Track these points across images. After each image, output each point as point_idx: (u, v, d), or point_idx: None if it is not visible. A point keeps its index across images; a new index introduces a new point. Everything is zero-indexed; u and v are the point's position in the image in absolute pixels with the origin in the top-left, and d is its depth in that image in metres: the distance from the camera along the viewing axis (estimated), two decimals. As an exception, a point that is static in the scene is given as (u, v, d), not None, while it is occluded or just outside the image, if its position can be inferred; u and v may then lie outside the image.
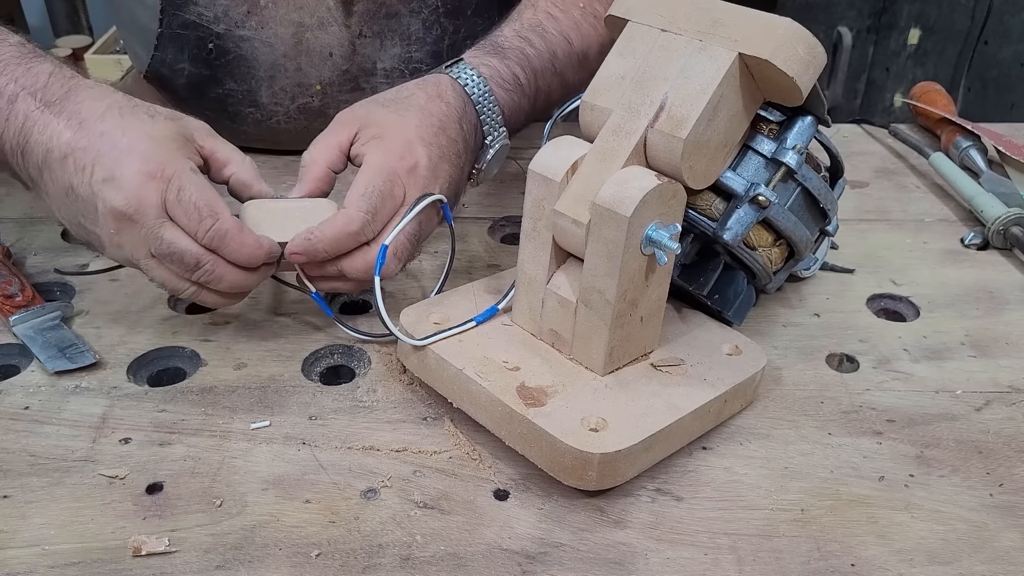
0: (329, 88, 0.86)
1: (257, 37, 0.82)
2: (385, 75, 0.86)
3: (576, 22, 0.77)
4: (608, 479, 0.52)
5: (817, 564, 0.49)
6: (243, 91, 0.86)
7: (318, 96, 0.86)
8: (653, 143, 0.54)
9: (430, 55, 0.87)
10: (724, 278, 0.62)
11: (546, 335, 0.59)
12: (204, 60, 0.84)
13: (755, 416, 0.60)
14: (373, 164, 0.62)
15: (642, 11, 0.57)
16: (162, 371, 0.64)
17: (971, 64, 2.02)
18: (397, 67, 0.86)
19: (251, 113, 0.87)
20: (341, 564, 0.48)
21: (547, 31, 0.76)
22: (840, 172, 0.66)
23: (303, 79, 0.85)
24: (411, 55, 0.86)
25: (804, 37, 0.52)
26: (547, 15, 0.77)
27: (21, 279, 0.68)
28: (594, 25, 0.78)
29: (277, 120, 0.87)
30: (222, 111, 0.88)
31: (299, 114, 0.87)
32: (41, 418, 0.58)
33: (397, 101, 0.67)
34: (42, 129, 0.58)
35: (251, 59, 0.84)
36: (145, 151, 0.57)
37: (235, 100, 0.86)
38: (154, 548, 0.49)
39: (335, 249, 0.60)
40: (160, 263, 0.59)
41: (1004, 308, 0.72)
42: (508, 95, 0.72)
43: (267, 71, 0.84)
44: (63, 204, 0.59)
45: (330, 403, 0.60)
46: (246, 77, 0.85)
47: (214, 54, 0.84)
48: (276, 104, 0.86)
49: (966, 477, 0.56)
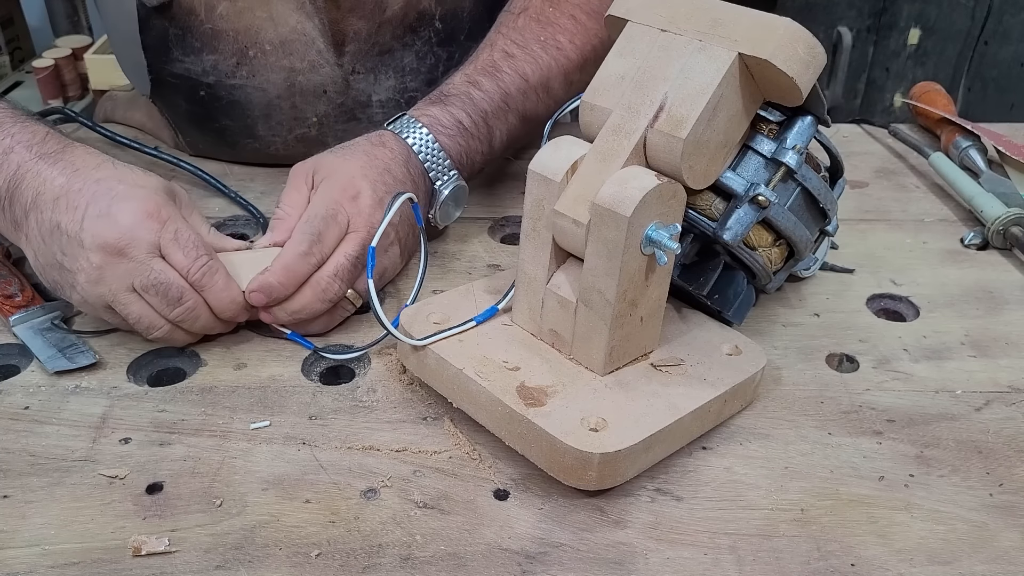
0: (326, 120, 0.86)
1: (249, 84, 0.83)
2: (381, 106, 0.87)
3: (535, 57, 0.78)
4: (608, 479, 0.52)
5: (817, 564, 0.49)
6: (240, 127, 0.86)
7: (315, 127, 0.86)
8: (653, 143, 0.54)
9: (425, 83, 0.87)
10: (724, 278, 0.62)
11: (546, 335, 0.59)
12: (198, 102, 0.85)
13: (755, 416, 0.60)
14: (316, 199, 0.66)
15: (642, 11, 0.57)
16: (162, 371, 0.64)
17: (971, 64, 2.02)
18: (393, 98, 0.87)
19: (249, 143, 0.88)
20: (341, 564, 0.48)
21: (500, 71, 0.76)
22: (840, 172, 0.66)
23: (299, 114, 0.86)
24: (406, 85, 0.86)
25: (804, 37, 0.52)
26: (503, 54, 0.77)
27: (21, 279, 0.68)
28: (555, 57, 0.78)
29: (276, 149, 0.88)
30: (220, 140, 0.88)
31: (297, 143, 0.87)
32: (41, 418, 0.58)
33: (344, 148, 0.71)
34: (35, 176, 0.61)
35: (244, 103, 0.84)
36: (143, 196, 0.61)
37: (232, 133, 0.87)
38: (154, 548, 0.49)
39: (289, 279, 0.63)
40: (140, 298, 0.60)
41: (1004, 308, 0.72)
42: (452, 140, 0.73)
43: (262, 110, 0.85)
44: (43, 245, 0.61)
45: (330, 403, 0.60)
46: (241, 116, 0.85)
47: (207, 99, 0.84)
48: (274, 136, 0.87)
49: (966, 477, 0.56)
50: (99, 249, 0.58)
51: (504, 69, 0.77)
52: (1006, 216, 0.79)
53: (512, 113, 0.77)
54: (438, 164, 0.72)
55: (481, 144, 0.76)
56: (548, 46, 0.78)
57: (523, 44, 0.78)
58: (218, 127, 0.87)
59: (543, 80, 0.78)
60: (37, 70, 2.06)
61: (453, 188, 0.73)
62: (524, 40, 0.78)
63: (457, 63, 0.85)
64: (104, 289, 0.60)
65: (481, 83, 0.76)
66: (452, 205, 0.75)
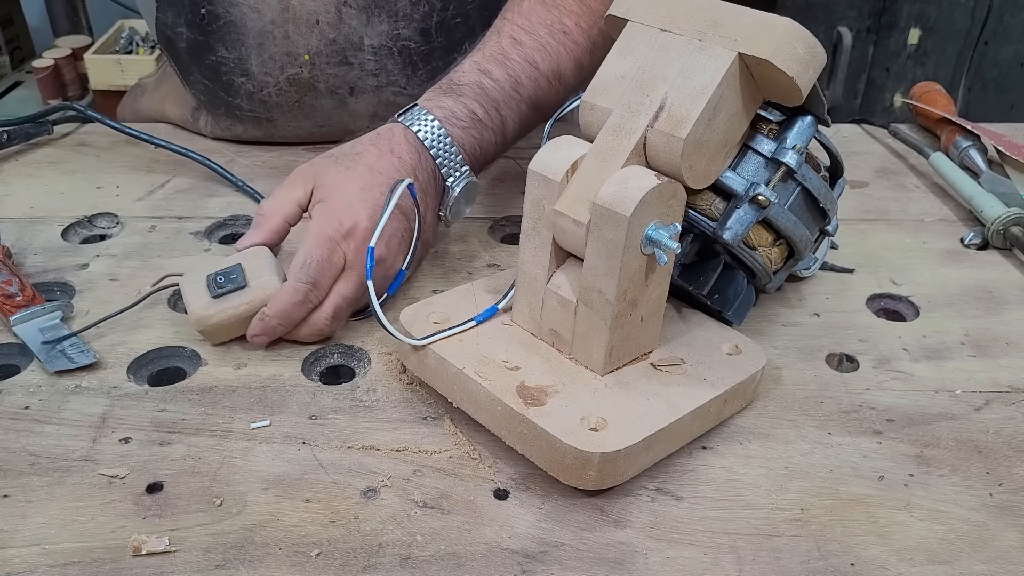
0: (317, 59, 0.86)
1: (245, 2, 0.84)
2: (373, 52, 0.86)
3: (543, 43, 0.77)
4: (608, 479, 0.52)
5: (817, 564, 0.49)
6: (234, 59, 0.87)
7: (307, 67, 0.86)
8: (653, 143, 0.54)
9: (418, 32, 0.86)
10: (724, 278, 0.62)
11: (546, 335, 0.59)
12: (198, 25, 0.86)
13: (755, 416, 0.60)
14: (313, 233, 0.65)
15: (642, 11, 0.57)
16: (162, 371, 0.64)
17: (971, 64, 2.02)
18: (385, 44, 0.86)
19: (243, 84, 0.88)
20: (341, 564, 0.48)
21: (509, 59, 0.76)
22: (840, 172, 0.66)
23: (291, 47, 0.86)
24: (399, 32, 0.86)
25: (804, 37, 0.52)
26: (511, 40, 0.77)
27: (21, 279, 0.68)
28: (563, 42, 0.78)
29: (268, 92, 0.88)
30: (217, 80, 0.89)
31: (289, 86, 0.87)
32: (41, 418, 0.58)
33: (349, 157, 0.69)
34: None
35: (240, 25, 0.85)
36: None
37: (228, 68, 0.87)
38: (154, 548, 0.49)
39: (288, 321, 0.63)
40: None
41: (1004, 308, 0.72)
42: (466, 133, 0.72)
43: (256, 38, 0.85)
44: None
45: (330, 403, 0.60)
46: (236, 44, 0.86)
47: (206, 19, 0.85)
48: (266, 74, 0.87)
49: (966, 477, 0.56)
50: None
51: (513, 57, 0.76)
52: (1006, 216, 0.79)
53: (524, 101, 0.76)
54: (450, 160, 0.72)
55: (495, 135, 0.75)
56: (555, 31, 0.78)
57: (530, 29, 0.78)
58: (215, 61, 0.87)
59: (554, 68, 0.77)
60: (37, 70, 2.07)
61: (465, 185, 0.72)
62: (531, 25, 0.78)
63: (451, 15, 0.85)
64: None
65: (492, 71, 0.75)
66: (463, 202, 0.74)
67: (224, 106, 0.91)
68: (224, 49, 0.86)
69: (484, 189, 0.87)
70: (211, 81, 0.89)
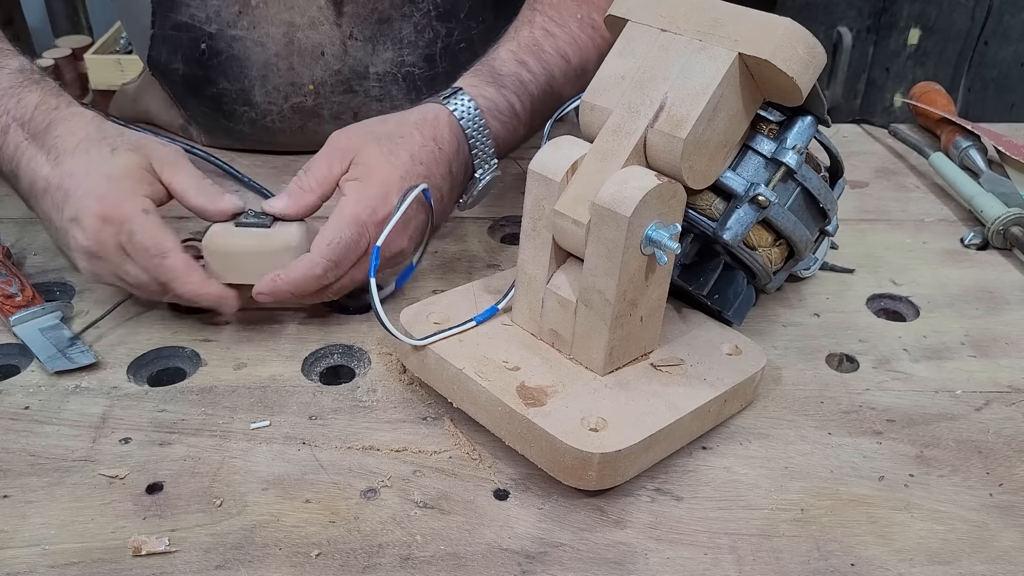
0: (322, 88, 0.86)
1: (249, 37, 0.83)
2: (378, 79, 0.86)
3: (574, 36, 0.77)
4: (608, 479, 0.52)
5: (817, 564, 0.49)
6: (236, 90, 0.86)
7: (311, 96, 0.86)
8: (653, 143, 0.54)
9: (423, 59, 0.87)
10: (724, 278, 0.62)
11: (546, 335, 0.59)
12: (197, 61, 0.85)
13: (755, 416, 0.60)
14: (347, 213, 0.63)
15: (642, 11, 0.57)
16: (162, 371, 0.64)
17: (971, 64, 2.02)
18: (390, 71, 0.86)
19: (245, 112, 0.87)
20: (341, 564, 0.48)
21: (544, 51, 0.76)
22: (840, 172, 0.66)
23: (295, 78, 0.85)
24: (403, 59, 0.86)
25: (804, 37, 0.52)
26: (544, 32, 0.77)
27: (21, 279, 0.68)
28: (592, 36, 0.78)
29: (272, 119, 0.87)
30: (217, 109, 0.88)
31: (293, 113, 0.87)
32: (41, 418, 0.58)
33: (392, 139, 0.67)
34: (28, 160, 0.64)
35: (243, 59, 0.84)
36: (101, 193, 0.61)
37: (229, 99, 0.87)
38: (154, 548, 0.49)
39: (299, 292, 0.62)
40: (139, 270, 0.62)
41: (1004, 308, 0.72)
42: (503, 126, 0.72)
43: (259, 70, 0.85)
44: (47, 228, 0.65)
45: (330, 403, 0.60)
46: (239, 76, 0.85)
47: (207, 55, 0.84)
48: (270, 103, 0.86)
49: (966, 477, 0.56)
50: (81, 251, 0.62)
51: (547, 49, 0.76)
52: (1006, 216, 0.79)
53: (554, 96, 0.76)
54: (484, 153, 0.71)
55: (525, 128, 0.75)
56: (585, 24, 0.78)
57: (561, 22, 0.77)
58: (215, 93, 0.87)
59: (581, 63, 0.77)
60: (37, 70, 2.06)
61: (491, 179, 0.73)
62: (562, 18, 0.77)
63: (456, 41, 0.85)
64: (103, 278, 0.64)
65: (529, 64, 0.75)
66: (484, 193, 0.74)
67: (223, 131, 0.90)
68: (226, 81, 0.86)
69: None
70: (210, 109, 0.89)
